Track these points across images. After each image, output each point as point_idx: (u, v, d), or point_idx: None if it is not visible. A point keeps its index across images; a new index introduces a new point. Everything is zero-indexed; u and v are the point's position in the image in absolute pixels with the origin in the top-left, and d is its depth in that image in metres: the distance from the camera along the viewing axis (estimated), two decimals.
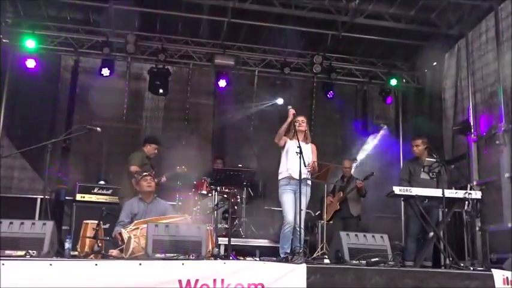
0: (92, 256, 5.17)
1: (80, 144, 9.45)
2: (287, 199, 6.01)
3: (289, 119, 6.06)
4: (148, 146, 7.42)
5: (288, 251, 5.87)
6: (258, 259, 6.92)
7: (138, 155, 7.24)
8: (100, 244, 5.31)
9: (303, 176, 5.74)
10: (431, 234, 6.20)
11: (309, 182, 6.19)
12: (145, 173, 6.34)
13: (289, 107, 6.16)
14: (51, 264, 4.00)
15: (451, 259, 5.58)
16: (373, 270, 4.76)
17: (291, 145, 6.11)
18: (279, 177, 6.11)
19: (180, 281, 4.12)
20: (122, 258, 5.06)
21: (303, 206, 5.92)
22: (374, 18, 9.10)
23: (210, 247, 5.31)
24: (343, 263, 5.16)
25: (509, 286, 4.85)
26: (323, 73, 10.31)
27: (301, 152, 5.74)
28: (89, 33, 9.70)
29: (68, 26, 9.64)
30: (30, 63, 9.28)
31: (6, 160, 9.22)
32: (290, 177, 6.02)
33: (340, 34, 9.54)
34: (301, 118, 6.25)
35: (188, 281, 4.13)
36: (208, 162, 9.52)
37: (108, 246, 5.63)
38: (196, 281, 4.15)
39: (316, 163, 6.21)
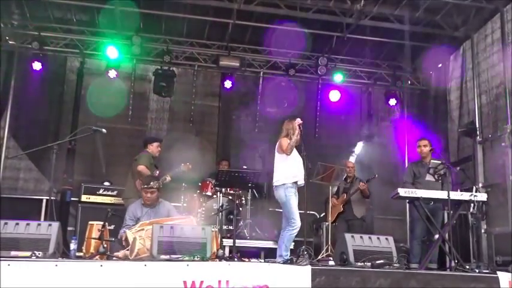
0: (97, 257, 5.18)
1: (85, 146, 9.47)
2: (295, 202, 6.02)
3: (297, 131, 6.05)
4: (151, 146, 7.36)
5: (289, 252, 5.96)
6: (262, 261, 6.92)
7: (145, 156, 7.17)
8: (105, 245, 5.32)
9: (302, 182, 5.94)
10: (437, 236, 6.18)
11: None
12: (146, 185, 6.10)
13: (298, 119, 6.14)
14: (56, 265, 4.03)
15: (456, 261, 5.55)
16: (378, 272, 4.76)
17: (294, 150, 6.15)
18: (288, 181, 6.02)
19: (185, 282, 4.14)
20: (127, 259, 5.07)
21: None
22: (379, 19, 9.10)
23: (215, 248, 5.32)
24: (348, 265, 5.15)
25: None
26: (328, 75, 10.31)
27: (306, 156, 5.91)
28: (95, 34, 9.72)
29: (74, 28, 9.69)
30: (36, 65, 9.32)
31: (12, 161, 9.30)
32: (296, 182, 6.06)
33: (345, 36, 9.52)
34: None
35: (193, 282, 4.15)
36: (213, 164, 9.53)
37: (114, 247, 5.64)
38: (201, 282, 4.18)
39: None
